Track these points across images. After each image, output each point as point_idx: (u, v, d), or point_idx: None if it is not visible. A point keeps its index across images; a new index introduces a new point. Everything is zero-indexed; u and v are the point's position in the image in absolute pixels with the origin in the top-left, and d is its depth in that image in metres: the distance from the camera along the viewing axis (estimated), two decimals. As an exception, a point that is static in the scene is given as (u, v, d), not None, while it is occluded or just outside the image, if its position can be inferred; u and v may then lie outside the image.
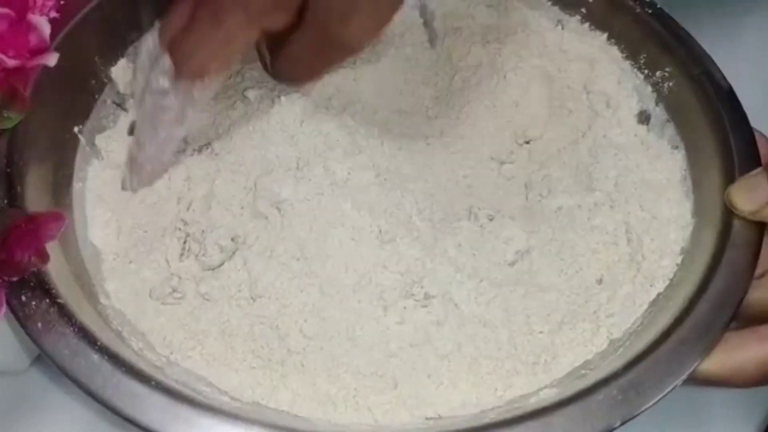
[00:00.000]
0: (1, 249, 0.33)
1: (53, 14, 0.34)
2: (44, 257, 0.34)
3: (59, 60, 0.41)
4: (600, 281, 0.41)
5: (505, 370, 0.38)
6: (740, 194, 0.39)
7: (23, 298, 0.34)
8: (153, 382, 0.33)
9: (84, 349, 0.33)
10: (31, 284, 0.34)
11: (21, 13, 0.33)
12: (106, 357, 0.33)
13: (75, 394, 0.40)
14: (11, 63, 0.33)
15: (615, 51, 0.48)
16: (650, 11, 0.47)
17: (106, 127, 0.44)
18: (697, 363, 0.35)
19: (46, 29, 0.34)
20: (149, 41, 0.41)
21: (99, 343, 0.34)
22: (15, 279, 0.34)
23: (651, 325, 0.37)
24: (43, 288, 0.34)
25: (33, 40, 0.34)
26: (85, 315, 0.35)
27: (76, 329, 0.34)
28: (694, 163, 0.43)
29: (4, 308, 0.33)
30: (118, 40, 0.45)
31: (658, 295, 0.39)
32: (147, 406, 0.32)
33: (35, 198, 0.38)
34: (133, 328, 0.38)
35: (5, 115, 0.34)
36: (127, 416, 0.32)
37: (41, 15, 0.34)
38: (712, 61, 0.45)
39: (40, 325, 0.33)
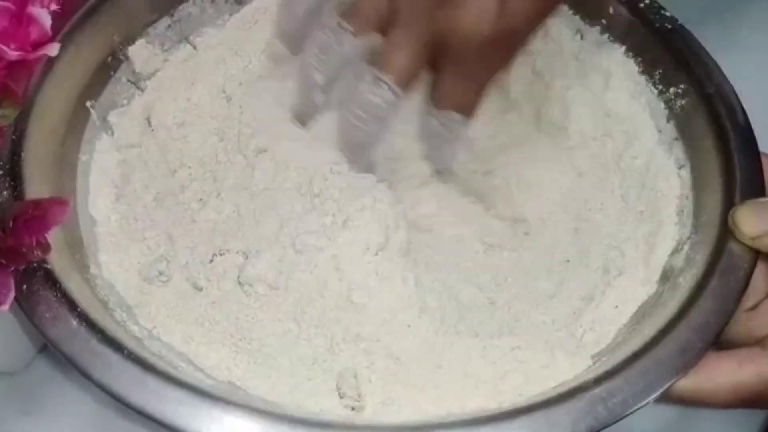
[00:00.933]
0: (8, 236, 0.33)
1: (54, 6, 0.34)
2: (47, 248, 0.35)
3: (76, 35, 0.43)
4: (590, 295, 0.41)
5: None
6: (746, 217, 0.38)
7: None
8: (126, 351, 0.34)
9: (64, 313, 0.34)
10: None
11: (21, 6, 0.33)
12: (84, 323, 0.34)
13: (70, 396, 0.41)
14: (14, 55, 0.33)
15: (632, 65, 0.47)
16: (670, 26, 0.46)
17: (118, 105, 0.46)
18: (670, 383, 0.34)
19: (47, 21, 0.34)
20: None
21: (79, 309, 0.34)
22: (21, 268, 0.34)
23: (630, 341, 0.37)
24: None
25: (34, 32, 0.34)
26: (70, 281, 0.36)
27: (59, 294, 0.35)
28: (697, 183, 0.42)
29: (12, 294, 0.33)
30: (137, 21, 0.46)
31: (639, 310, 0.39)
32: (118, 373, 0.33)
33: (39, 165, 0.39)
34: (120, 299, 0.39)
35: (1, 113, 0.35)
36: (98, 382, 0.33)
37: (42, 7, 0.34)
38: (727, 80, 0.44)
39: (24, 287, 0.34)
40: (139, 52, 0.46)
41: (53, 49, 0.36)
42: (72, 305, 0.34)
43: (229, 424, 0.32)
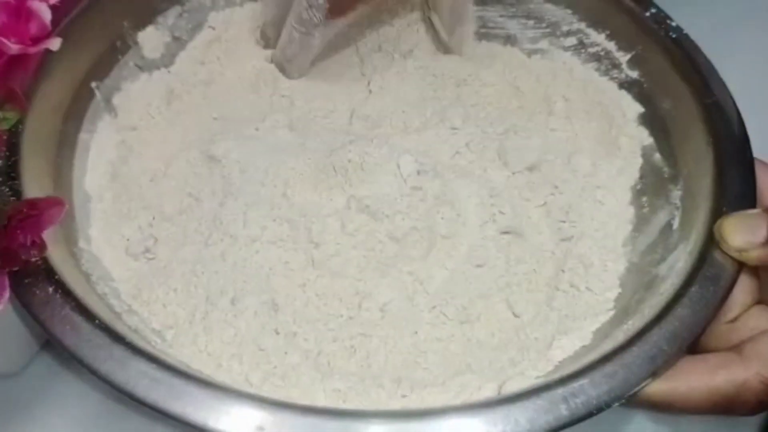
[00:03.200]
0: (3, 237, 0.33)
1: (53, 0, 0.35)
2: (42, 248, 0.35)
3: (85, 18, 0.45)
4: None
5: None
6: (733, 229, 0.37)
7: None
8: (97, 321, 0.34)
9: (41, 280, 0.35)
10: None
11: (21, 0, 0.34)
12: (59, 291, 0.35)
13: (70, 398, 0.41)
14: (15, 49, 0.33)
15: (635, 73, 0.47)
16: (675, 36, 0.46)
17: (123, 88, 0.47)
18: (637, 388, 0.33)
19: (47, 16, 0.34)
20: None
21: (56, 277, 0.35)
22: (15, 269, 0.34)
23: (602, 344, 0.36)
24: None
25: (34, 27, 0.34)
26: (54, 252, 0.36)
27: (40, 261, 0.35)
28: (689, 193, 0.42)
29: (8, 294, 0.33)
30: (148, 8, 0.48)
31: (617, 312, 0.39)
32: (86, 341, 0.34)
33: (38, 137, 0.40)
34: (104, 273, 0.40)
35: (2, 116, 0.35)
36: (67, 348, 0.34)
37: (41, 1, 0.34)
38: (728, 91, 0.43)
39: (7, 252, 0.35)
40: (148, 38, 0.48)
41: (55, 44, 0.37)
42: (50, 273, 0.35)
43: (188, 397, 0.32)
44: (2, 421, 0.40)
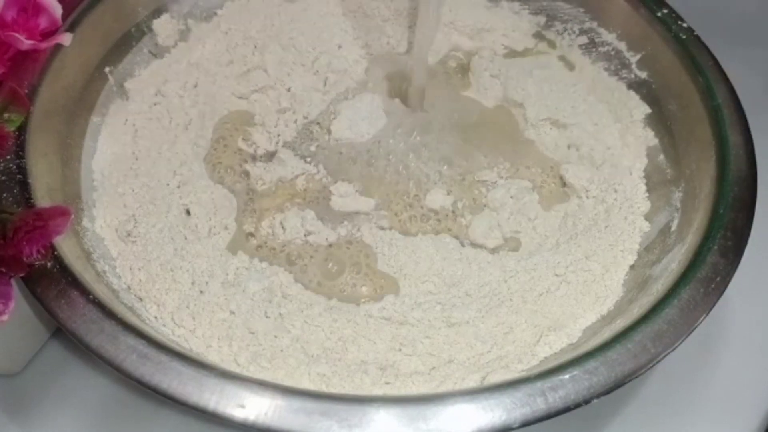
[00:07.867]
0: (9, 245, 0.33)
1: None
2: (47, 255, 0.35)
3: (102, 4, 0.46)
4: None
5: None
6: None
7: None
8: (91, 296, 0.35)
9: (41, 256, 0.36)
10: (15, 191, 0.38)
11: None
12: (57, 266, 0.36)
13: (70, 399, 0.41)
14: (27, 44, 0.34)
15: (644, 73, 0.47)
16: (684, 37, 0.45)
17: (136, 73, 0.48)
18: (617, 386, 0.33)
19: (57, 10, 0.35)
20: None
21: (56, 252, 0.36)
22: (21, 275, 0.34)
23: (588, 342, 0.36)
24: (25, 197, 0.38)
25: (44, 22, 0.35)
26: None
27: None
28: (689, 196, 0.41)
29: (13, 304, 0.33)
30: (164, -4, 0.49)
31: (609, 311, 0.39)
32: (78, 315, 0.35)
33: (48, 119, 0.41)
34: (105, 252, 0.41)
35: (7, 117, 0.35)
36: (61, 323, 0.35)
37: None
38: (735, 93, 0.43)
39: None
40: (163, 25, 0.49)
41: (66, 39, 0.37)
42: (50, 248, 0.36)
43: (173, 373, 0.33)
44: (6, 418, 0.41)
